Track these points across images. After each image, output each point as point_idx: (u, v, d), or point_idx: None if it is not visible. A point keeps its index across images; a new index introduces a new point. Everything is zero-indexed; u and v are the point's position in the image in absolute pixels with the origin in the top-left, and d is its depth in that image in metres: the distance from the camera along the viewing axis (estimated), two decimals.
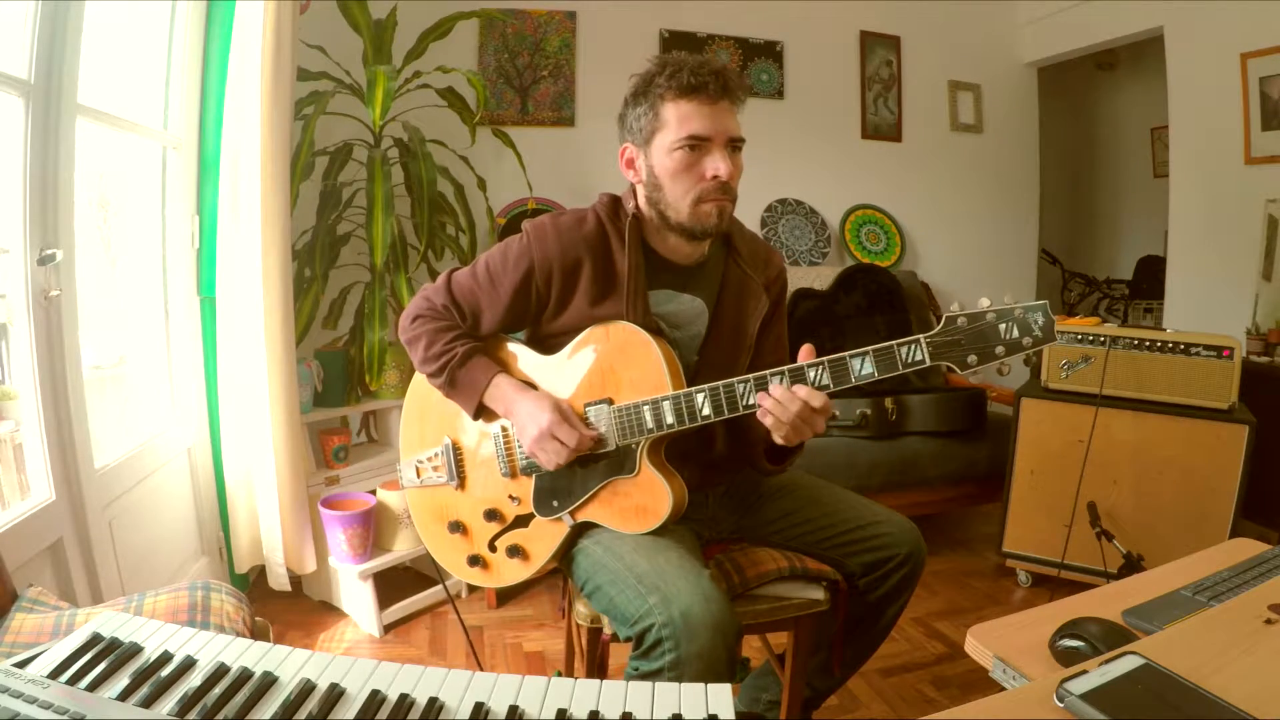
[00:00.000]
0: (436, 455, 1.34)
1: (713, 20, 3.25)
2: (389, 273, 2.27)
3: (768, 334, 1.35)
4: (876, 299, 2.89)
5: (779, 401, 1.07)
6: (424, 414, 1.37)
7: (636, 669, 1.06)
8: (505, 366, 1.27)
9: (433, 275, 2.33)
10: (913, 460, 2.52)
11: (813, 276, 3.05)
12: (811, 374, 1.07)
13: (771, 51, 3.33)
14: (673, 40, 3.19)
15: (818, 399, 1.06)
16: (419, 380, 1.36)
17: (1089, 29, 3.42)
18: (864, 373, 1.05)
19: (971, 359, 1.01)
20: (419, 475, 1.36)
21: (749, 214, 3.29)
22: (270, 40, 1.83)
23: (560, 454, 1.16)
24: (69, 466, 1.48)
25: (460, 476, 1.32)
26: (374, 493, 2.19)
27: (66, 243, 1.46)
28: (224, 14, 1.92)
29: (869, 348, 1.04)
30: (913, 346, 1.03)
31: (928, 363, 1.03)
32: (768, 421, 1.09)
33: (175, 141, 1.98)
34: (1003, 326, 1.00)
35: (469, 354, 1.24)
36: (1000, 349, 1.01)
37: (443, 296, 1.28)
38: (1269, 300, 2.79)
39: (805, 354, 1.09)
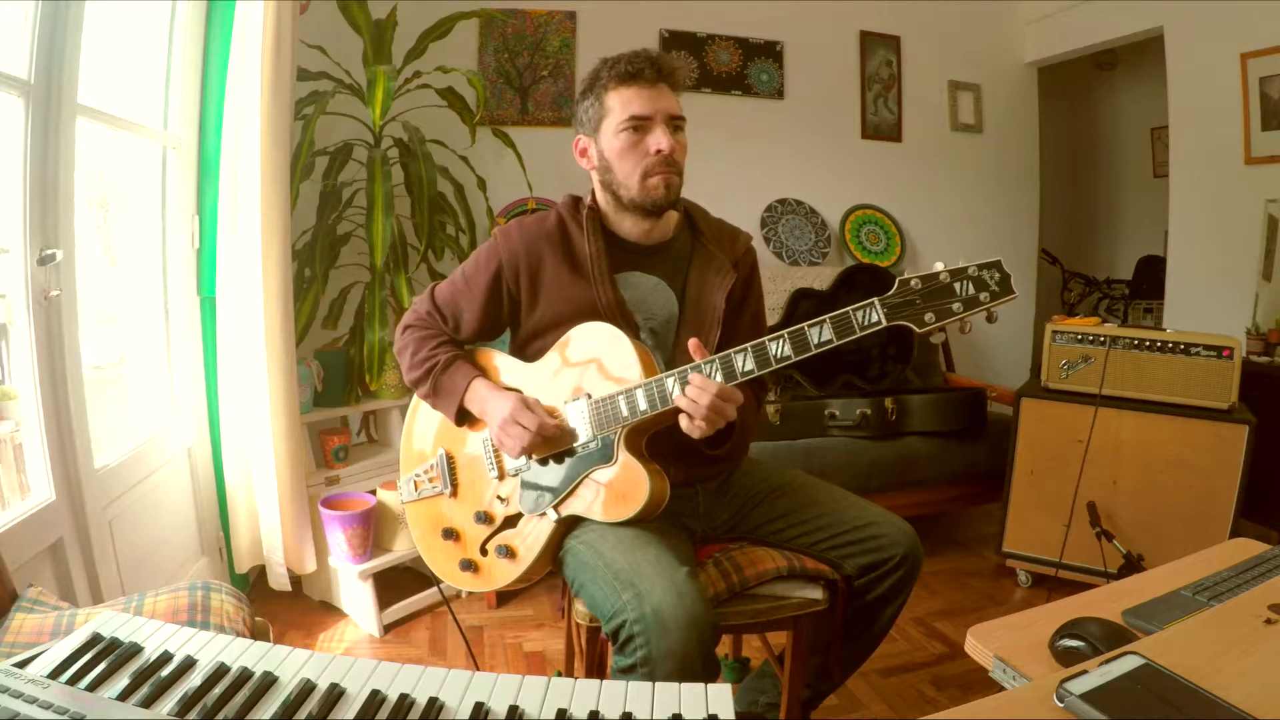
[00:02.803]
0: (433, 467, 1.38)
1: (713, 20, 3.25)
2: (389, 273, 2.27)
3: (743, 313, 1.38)
4: None
5: (696, 398, 1.09)
6: (420, 431, 1.43)
7: (617, 664, 1.08)
8: (487, 374, 1.33)
9: (433, 275, 2.34)
10: (913, 460, 2.52)
11: (813, 276, 3.05)
12: (773, 347, 1.09)
13: (771, 51, 3.33)
14: (673, 40, 3.19)
15: (712, 386, 1.09)
16: (416, 400, 1.41)
17: (1089, 29, 3.42)
18: (823, 339, 1.07)
19: (929, 317, 1.02)
20: (417, 489, 1.40)
21: (749, 214, 3.29)
22: (270, 40, 1.83)
23: (523, 438, 1.20)
24: (69, 466, 1.48)
25: (454, 484, 1.36)
26: (374, 493, 2.19)
27: (66, 243, 1.46)
28: (224, 14, 1.92)
29: (825, 316, 1.06)
30: (867, 310, 1.05)
31: (884, 323, 1.04)
32: (692, 417, 1.10)
33: (175, 141, 1.98)
34: (958, 285, 1.01)
35: (451, 360, 1.31)
36: (957, 305, 1.01)
37: (426, 304, 1.38)
38: (1269, 300, 2.79)
39: (695, 348, 1.12)
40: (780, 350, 1.08)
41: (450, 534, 1.34)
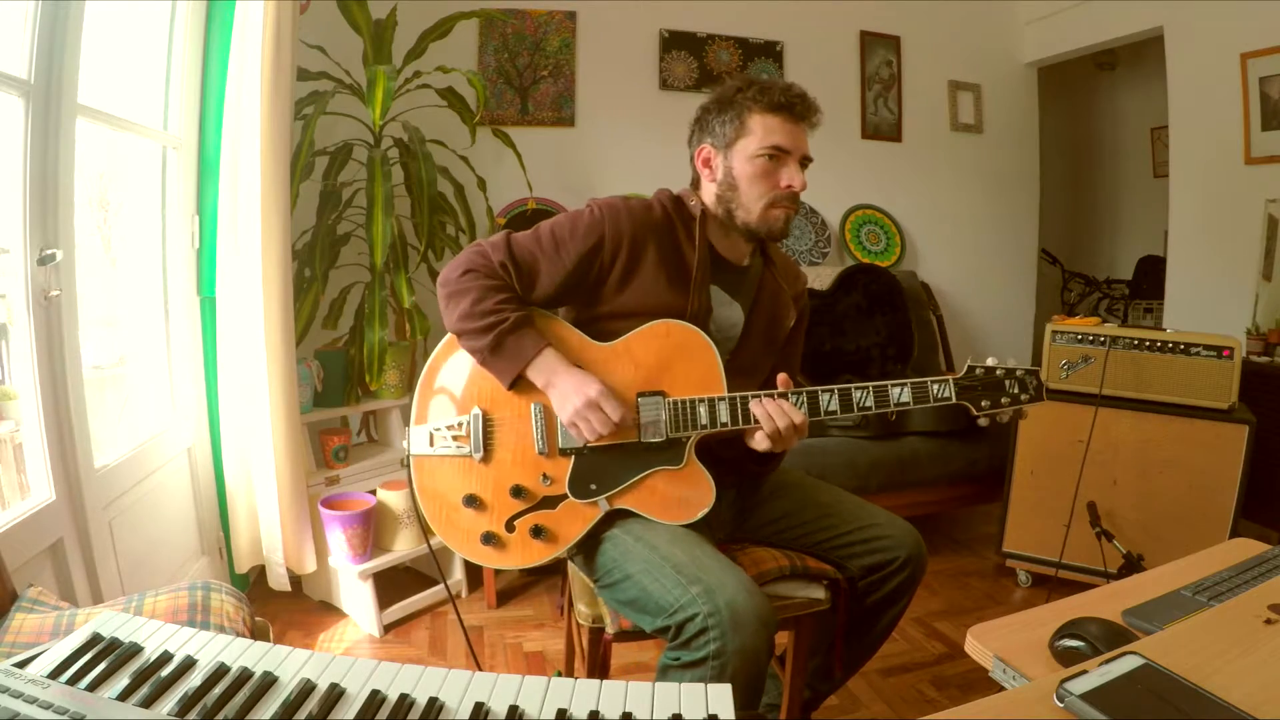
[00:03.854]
0: (462, 425, 1.26)
1: (713, 20, 3.25)
2: (389, 273, 2.27)
3: (788, 346, 1.41)
4: (876, 299, 2.89)
5: (772, 413, 1.19)
6: (450, 381, 1.30)
7: (677, 659, 1.08)
8: (554, 343, 1.24)
9: (432, 275, 2.33)
10: (912, 460, 2.52)
11: (813, 276, 3.04)
12: (857, 395, 1.22)
13: (771, 51, 3.33)
14: (672, 40, 3.18)
15: (798, 416, 1.19)
16: (447, 347, 1.30)
17: (1089, 29, 3.42)
18: (901, 400, 1.23)
19: (985, 403, 1.22)
20: (433, 443, 1.27)
21: None
22: (270, 40, 1.83)
23: (605, 426, 1.18)
24: (69, 466, 1.48)
25: (487, 449, 1.25)
26: (374, 493, 2.19)
27: (66, 243, 1.46)
28: (224, 14, 1.92)
29: (907, 380, 1.24)
30: (942, 385, 1.23)
31: (953, 400, 1.22)
32: (765, 428, 1.19)
33: (175, 141, 1.98)
34: (1008, 383, 1.22)
35: (521, 321, 1.21)
36: (1005, 399, 1.22)
37: (501, 254, 1.24)
38: (1269, 300, 2.79)
39: (783, 383, 1.20)
40: (863, 399, 1.23)
41: (474, 502, 1.24)
